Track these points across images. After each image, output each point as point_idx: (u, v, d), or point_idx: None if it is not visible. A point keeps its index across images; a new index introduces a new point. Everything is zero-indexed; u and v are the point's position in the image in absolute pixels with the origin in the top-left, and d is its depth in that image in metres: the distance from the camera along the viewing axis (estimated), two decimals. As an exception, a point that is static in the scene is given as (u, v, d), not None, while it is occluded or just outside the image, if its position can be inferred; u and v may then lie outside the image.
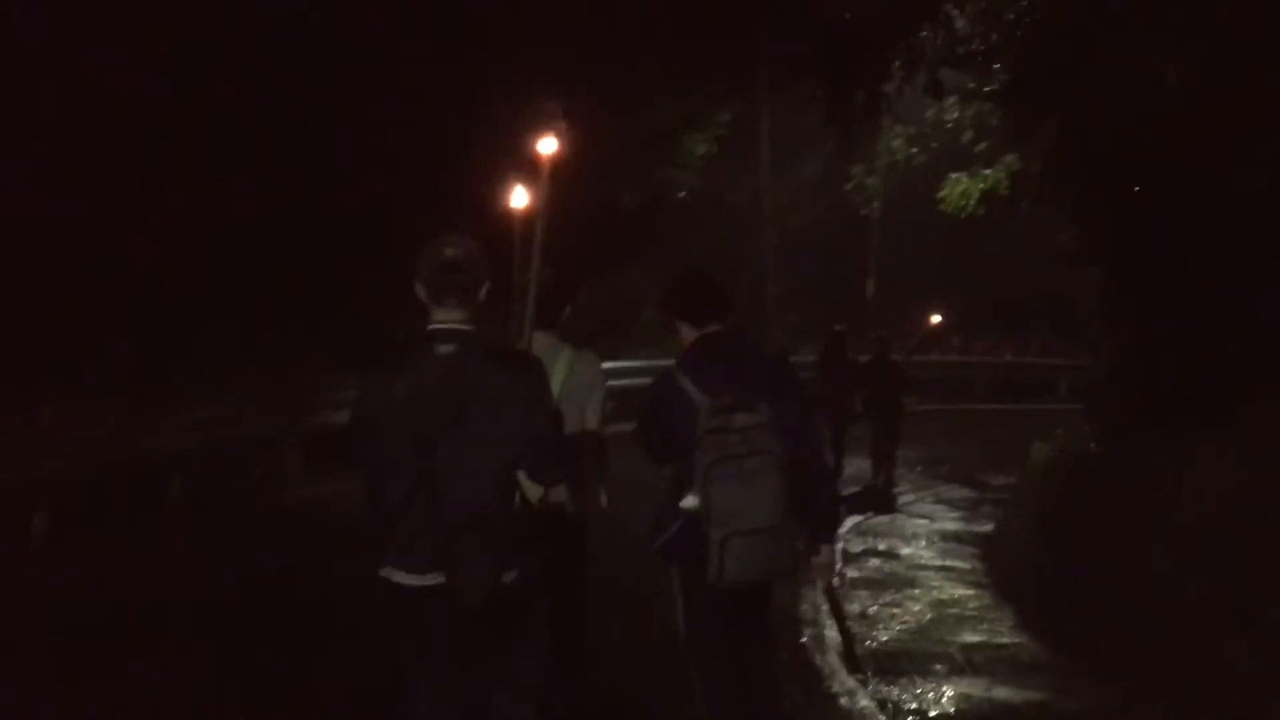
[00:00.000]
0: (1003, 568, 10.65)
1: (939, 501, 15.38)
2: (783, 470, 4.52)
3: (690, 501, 4.56)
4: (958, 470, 17.56)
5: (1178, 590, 7.08)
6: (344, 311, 16.70)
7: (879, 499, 15.06)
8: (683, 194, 22.21)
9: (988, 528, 13.39)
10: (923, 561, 11.49)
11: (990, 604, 9.53)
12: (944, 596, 9.86)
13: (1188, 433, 7.95)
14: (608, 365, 6.21)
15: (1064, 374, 26.01)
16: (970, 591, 10.04)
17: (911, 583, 10.43)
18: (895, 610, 9.34)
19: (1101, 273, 12.21)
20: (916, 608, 9.46)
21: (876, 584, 10.35)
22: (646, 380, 5.48)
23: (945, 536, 12.93)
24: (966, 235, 24.49)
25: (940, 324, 22.18)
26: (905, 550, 12.08)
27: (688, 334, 4.87)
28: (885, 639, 8.50)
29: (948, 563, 11.43)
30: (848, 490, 15.23)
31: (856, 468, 16.17)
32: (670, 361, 4.97)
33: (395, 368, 3.99)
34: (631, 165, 19.48)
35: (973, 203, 18.67)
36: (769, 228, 25.84)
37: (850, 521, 13.61)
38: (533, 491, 4.14)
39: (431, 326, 4.01)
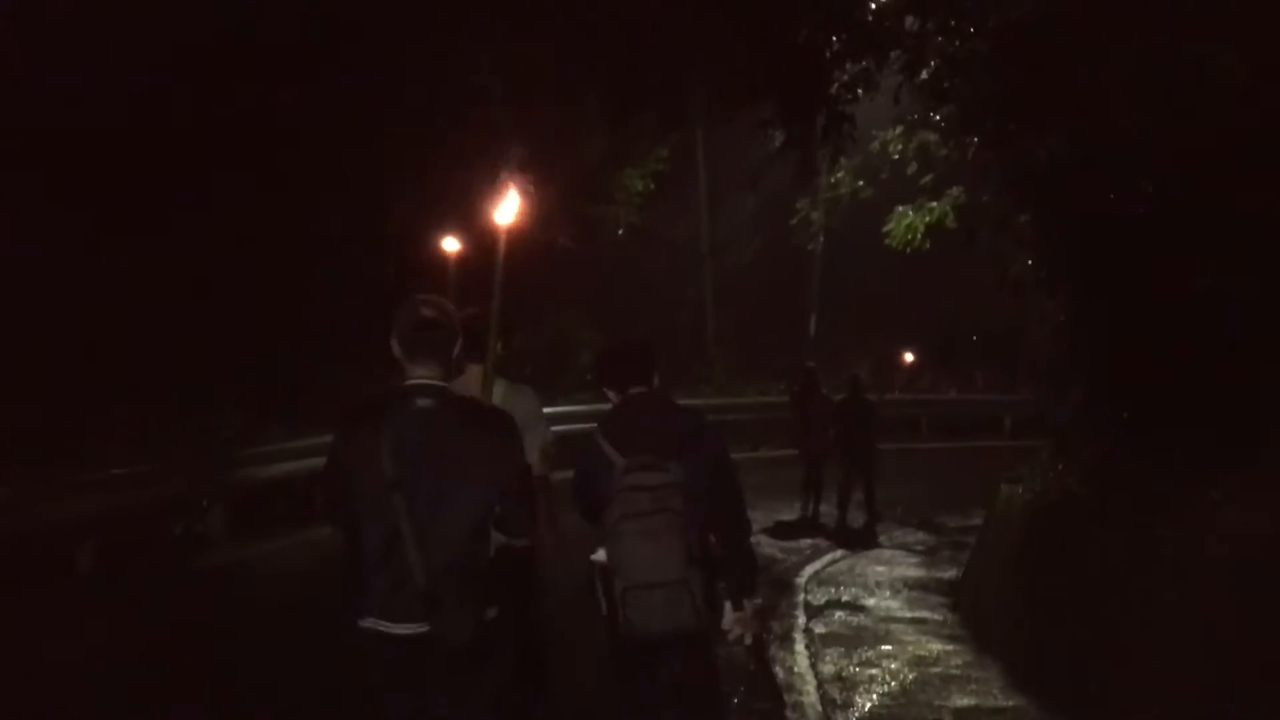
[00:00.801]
0: (979, 619, 10.01)
1: (896, 546, 14.80)
2: (685, 529, 4.67)
3: (599, 555, 4.77)
4: (911, 512, 17.00)
5: (1199, 645, 6.45)
6: (266, 360, 15.85)
7: (861, 537, 15.04)
8: (620, 231, 21.60)
9: (951, 574, 12.90)
10: (892, 613, 10.84)
11: (973, 660, 8.88)
12: (922, 653, 9.19)
13: (1197, 471, 7.36)
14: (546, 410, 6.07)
15: (1008, 410, 25.68)
16: (949, 647, 9.38)
17: (884, 637, 9.77)
18: (873, 671, 8.66)
19: (1063, 304, 11.70)
20: (895, 666, 8.78)
21: (847, 640, 9.67)
22: (585, 425, 5.80)
23: (909, 584, 12.32)
24: (911, 270, 24.12)
25: (914, 363, 21.83)
26: (870, 601, 11.43)
27: (613, 398, 5.10)
28: (869, 706, 7.80)
29: (918, 614, 10.79)
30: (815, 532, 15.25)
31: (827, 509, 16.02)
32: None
33: (375, 421, 4.09)
34: (567, 203, 18.85)
35: (918, 236, 18.24)
36: (708, 265, 25.29)
37: (808, 570, 13.00)
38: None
39: (410, 382, 4.15)
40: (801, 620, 10.44)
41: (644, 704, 4.90)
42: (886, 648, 9.36)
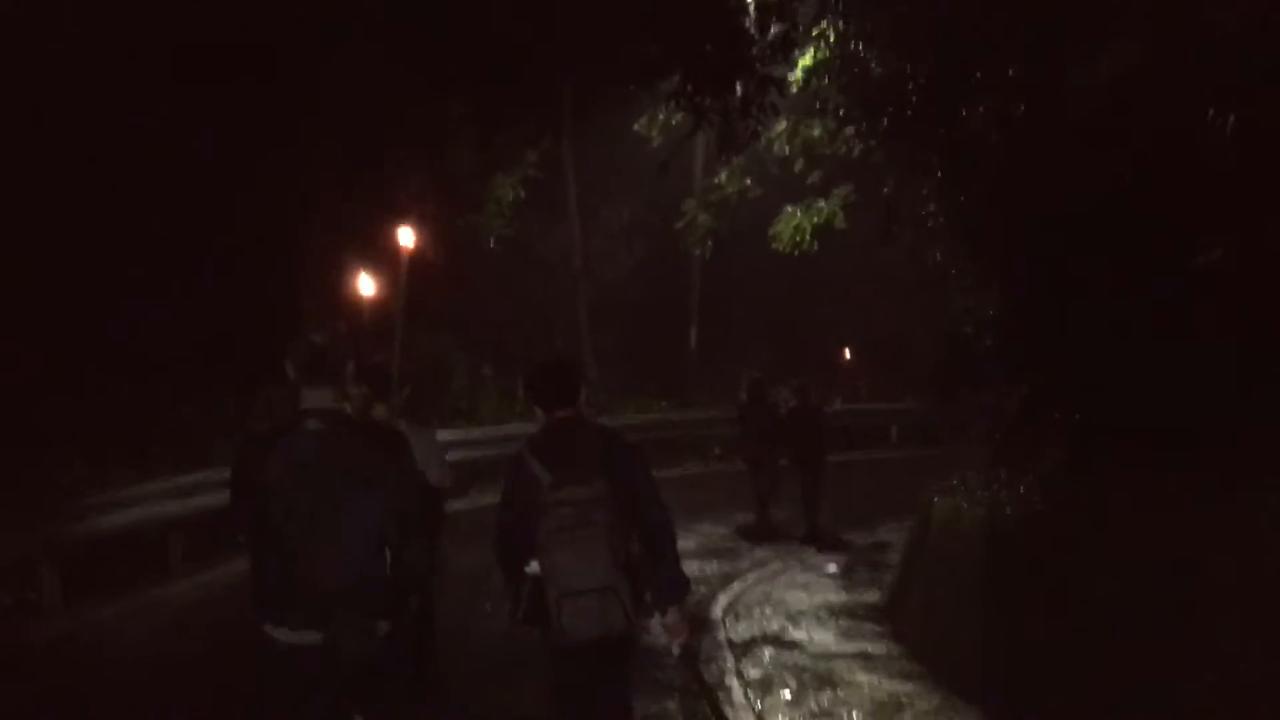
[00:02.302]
0: (933, 652, 8.96)
1: (807, 569, 13.74)
2: (611, 539, 4.93)
3: (533, 567, 4.98)
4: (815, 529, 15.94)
5: (1228, 671, 5.46)
6: (107, 395, 14.20)
7: (826, 540, 14.97)
8: (493, 243, 20.30)
9: (875, 597, 12.02)
10: (829, 648, 9.74)
11: (943, 703, 7.82)
12: (880, 697, 8.10)
13: (1200, 481, 6.40)
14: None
15: (895, 420, 25.01)
16: (908, 686, 8.32)
17: (829, 679, 8.66)
18: (831, 723, 7.53)
19: (997, 299, 10.79)
20: (858, 716, 7.64)
21: (790, 686, 8.53)
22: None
23: (834, 611, 11.29)
24: (793, 278, 23.38)
25: (850, 360, 21.01)
26: (799, 633, 10.33)
27: (541, 417, 5.28)
28: (843, 772, 6.66)
29: (858, 646, 9.72)
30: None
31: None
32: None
33: (269, 445, 4.31)
34: (435, 214, 17.53)
35: (807, 238, 17.38)
36: (581, 281, 24.12)
37: (721, 600, 11.90)
38: None
39: (303, 406, 4.36)
40: (730, 663, 9.28)
41: (575, 705, 5.16)
42: (839, 693, 8.24)
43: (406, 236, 15.80)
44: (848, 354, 20.70)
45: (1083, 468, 8.48)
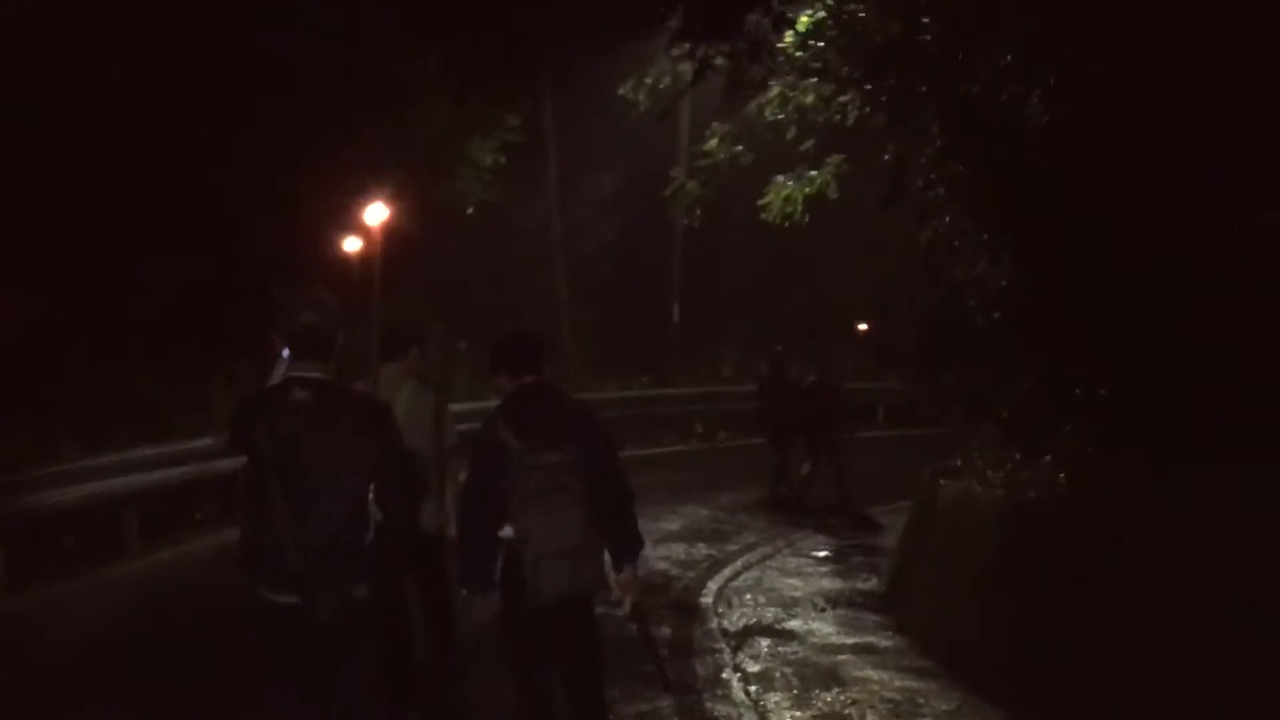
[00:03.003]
0: (944, 644, 8.30)
1: (797, 553, 13.10)
2: (583, 501, 5.10)
3: (506, 531, 5.10)
4: (804, 513, 15.39)
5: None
6: (53, 365, 13.40)
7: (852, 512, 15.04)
8: (470, 210, 19.47)
9: (872, 584, 11.42)
10: (829, 639, 9.08)
11: (963, 703, 7.14)
12: (892, 694, 7.43)
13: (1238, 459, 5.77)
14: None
15: (882, 399, 24.37)
16: (921, 684, 7.65)
17: (835, 675, 7.99)
18: (845, 726, 6.85)
19: (1008, 268, 10.11)
20: (871, 718, 6.97)
21: (793, 682, 7.84)
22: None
23: (831, 599, 10.65)
24: (779, 252, 22.74)
25: (866, 332, 20.39)
26: (795, 623, 9.67)
27: (507, 385, 5.38)
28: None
29: (861, 638, 9.06)
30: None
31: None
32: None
33: (256, 412, 4.51)
34: (409, 179, 16.72)
35: (798, 209, 16.61)
36: (560, 253, 23.33)
37: (711, 586, 11.25)
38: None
39: (290, 374, 4.52)
40: (726, 655, 8.60)
41: (537, 662, 5.33)
42: (846, 691, 7.55)
43: (376, 213, 15.11)
44: (863, 328, 20.09)
45: (1115, 449, 7.81)
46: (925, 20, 10.03)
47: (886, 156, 12.95)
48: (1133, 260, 7.79)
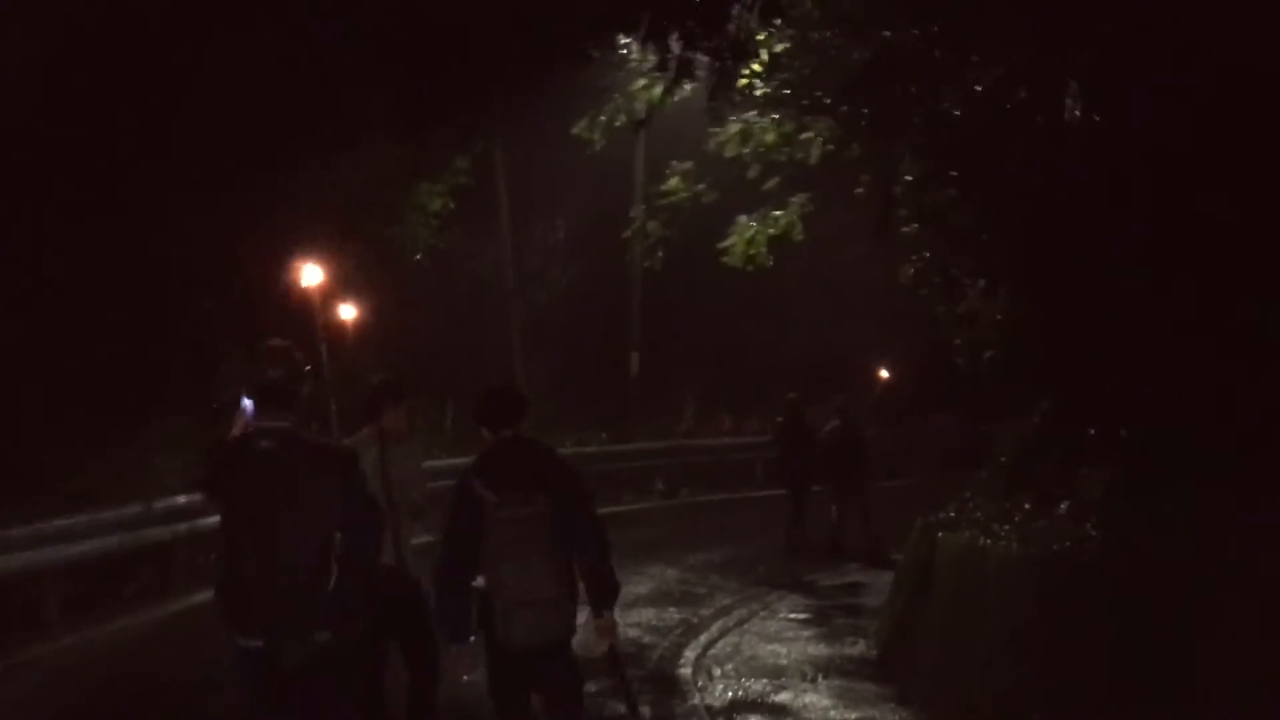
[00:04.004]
0: (960, 716, 7.39)
1: (775, 616, 12.24)
2: (555, 551, 5.32)
3: (479, 582, 5.36)
4: (775, 572, 14.66)
5: None
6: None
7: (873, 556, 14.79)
8: (419, 256, 18.56)
9: (860, 648, 10.54)
10: (828, 714, 8.22)
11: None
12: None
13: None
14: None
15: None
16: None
17: (842, 761, 7.07)
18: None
19: (1012, 307, 9.36)
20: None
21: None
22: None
23: (821, 667, 9.83)
24: (737, 298, 22.05)
25: (888, 379, 19.74)
26: (786, 696, 8.79)
27: (487, 437, 5.60)
28: None
29: (863, 713, 8.20)
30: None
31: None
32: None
33: (226, 463, 4.78)
34: (355, 222, 15.82)
35: (762, 252, 15.87)
36: (515, 302, 22.44)
37: (688, 654, 10.37)
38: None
39: (257, 425, 4.75)
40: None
41: (515, 707, 5.51)
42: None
43: (312, 275, 14.18)
44: (884, 374, 19.48)
45: (1143, 493, 7.02)
46: (914, 33, 9.27)
47: (859, 190, 12.32)
48: (1163, 282, 7.04)
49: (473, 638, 5.45)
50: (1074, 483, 7.92)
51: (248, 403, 4.87)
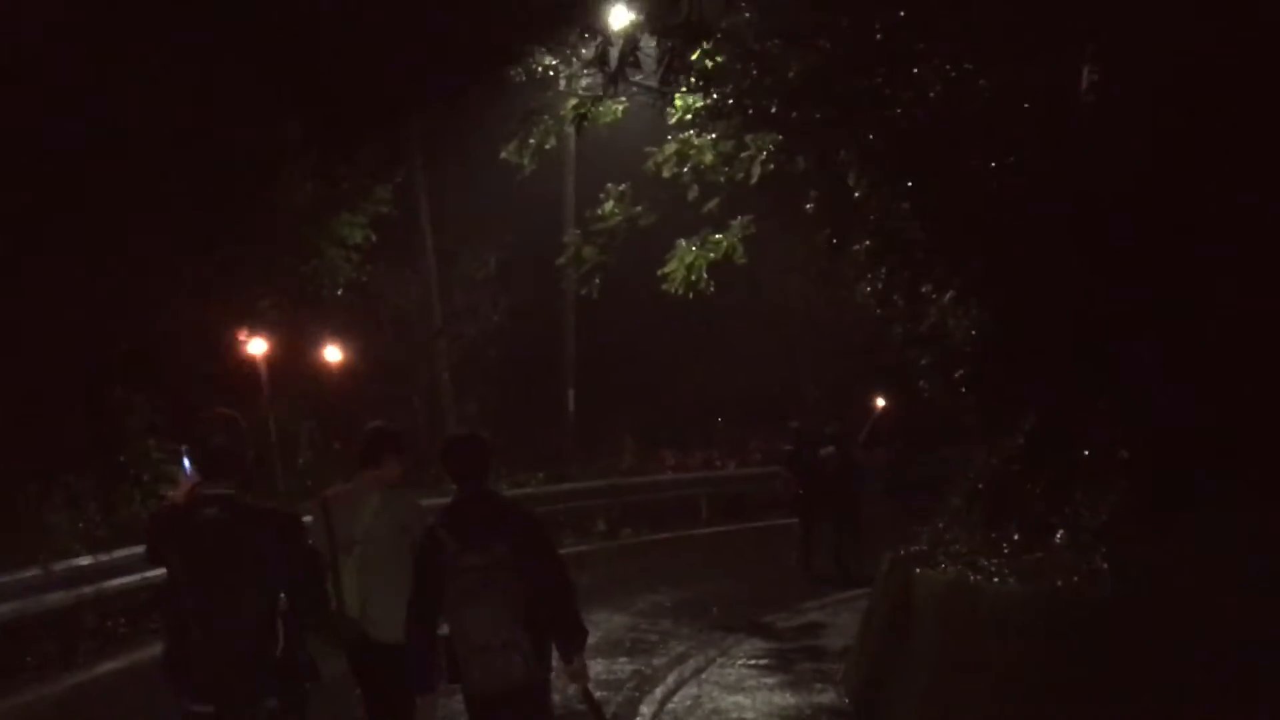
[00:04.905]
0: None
1: (734, 663, 11.49)
2: (515, 598, 5.37)
3: (443, 629, 5.51)
4: (731, 614, 13.83)
5: None
6: None
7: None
8: (340, 292, 17.62)
9: (830, 697, 9.80)
10: (809, 778, 7.36)
11: None
12: None
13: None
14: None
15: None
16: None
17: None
18: None
19: (975, 322, 8.65)
20: None
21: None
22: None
23: (791, 719, 8.92)
24: (683, 328, 21.36)
25: (885, 409, 19.13)
26: (756, 756, 7.92)
27: (453, 487, 5.74)
28: None
29: (845, 774, 7.35)
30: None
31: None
32: None
33: (169, 529, 4.79)
34: (270, 260, 14.90)
35: (702, 277, 15.16)
36: (443, 339, 21.52)
37: (644, 710, 9.65)
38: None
39: (202, 492, 4.78)
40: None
41: None
42: None
43: (258, 346, 14.52)
44: (881, 402, 18.97)
45: (1153, 519, 6.29)
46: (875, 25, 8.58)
47: (809, 205, 11.66)
48: (1166, 286, 6.35)
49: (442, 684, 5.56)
50: (1069, 509, 7.20)
51: (187, 464, 4.99)
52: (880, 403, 19.08)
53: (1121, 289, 6.81)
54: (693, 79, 12.03)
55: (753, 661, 11.39)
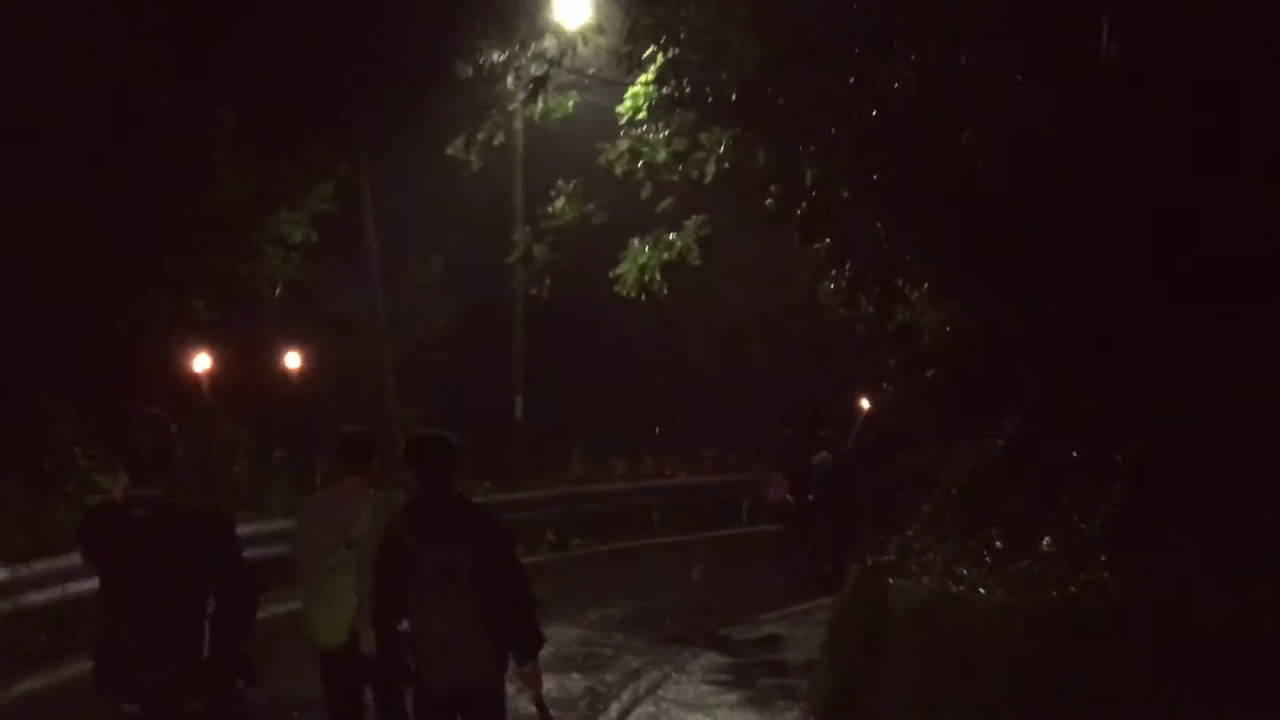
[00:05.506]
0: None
1: (691, 679, 11.03)
2: (474, 597, 5.46)
3: (404, 625, 5.56)
4: (686, 625, 13.33)
5: None
6: None
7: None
8: (278, 291, 16.94)
9: (794, 715, 9.39)
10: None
11: None
12: None
13: None
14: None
15: (747, 492, 22.52)
16: None
17: None
18: None
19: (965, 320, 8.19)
20: None
21: None
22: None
23: (758, 745, 8.47)
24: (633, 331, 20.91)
25: (870, 410, 18.71)
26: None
27: (418, 486, 5.79)
28: None
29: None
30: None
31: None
32: None
33: (97, 529, 4.85)
34: (205, 260, 14.24)
35: (656, 278, 14.66)
36: (387, 343, 20.87)
37: None
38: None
39: (129, 493, 4.76)
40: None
41: None
42: None
43: (201, 363, 14.48)
44: (865, 404, 18.56)
45: (1152, 524, 5.85)
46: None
47: (769, 201, 11.22)
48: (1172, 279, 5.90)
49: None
50: (1056, 514, 6.74)
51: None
52: (864, 404, 18.73)
53: (1120, 282, 6.36)
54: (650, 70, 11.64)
55: (711, 677, 10.95)
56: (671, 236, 14.45)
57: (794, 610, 14.18)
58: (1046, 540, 6.62)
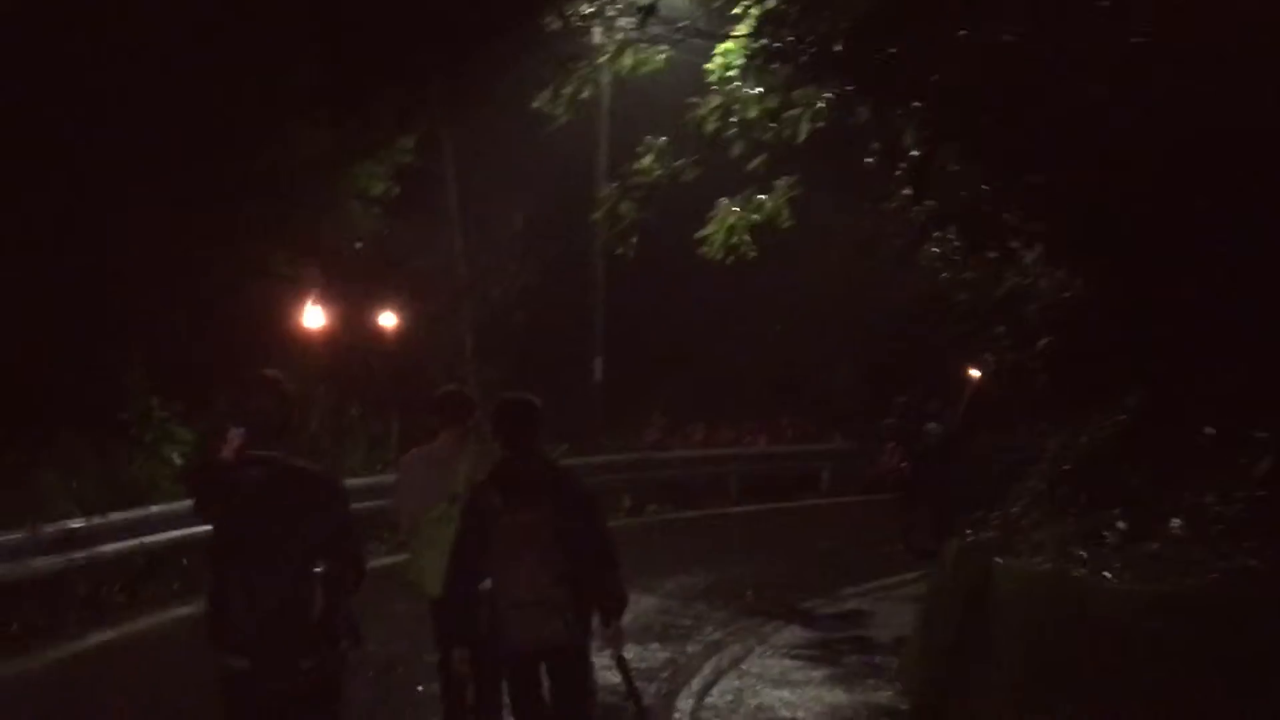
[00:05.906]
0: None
1: (776, 652, 10.65)
2: (554, 555, 5.61)
3: (486, 583, 5.73)
4: (767, 598, 12.99)
5: None
6: None
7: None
8: (359, 244, 16.74)
9: (888, 694, 9.03)
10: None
11: None
12: None
13: None
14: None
15: (826, 462, 22.47)
16: None
17: None
18: None
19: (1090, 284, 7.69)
20: None
21: None
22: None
23: (844, 719, 8.09)
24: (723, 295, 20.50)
25: (981, 379, 18.32)
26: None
27: (503, 448, 5.96)
28: None
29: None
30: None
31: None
32: None
33: (216, 486, 4.96)
34: (283, 215, 14.01)
35: (744, 241, 14.20)
36: (466, 301, 20.62)
37: (682, 707, 8.86)
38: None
39: (249, 453, 4.88)
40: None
41: (528, 707, 5.92)
42: None
43: (314, 317, 14.74)
44: (975, 374, 18.10)
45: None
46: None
47: (868, 160, 10.76)
48: None
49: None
50: (1185, 495, 6.26)
51: (238, 431, 4.94)
52: (974, 374, 18.24)
53: (1265, 245, 5.85)
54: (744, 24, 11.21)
55: (796, 652, 10.62)
56: (761, 197, 14.03)
57: (874, 585, 13.80)
58: (1176, 522, 6.16)
